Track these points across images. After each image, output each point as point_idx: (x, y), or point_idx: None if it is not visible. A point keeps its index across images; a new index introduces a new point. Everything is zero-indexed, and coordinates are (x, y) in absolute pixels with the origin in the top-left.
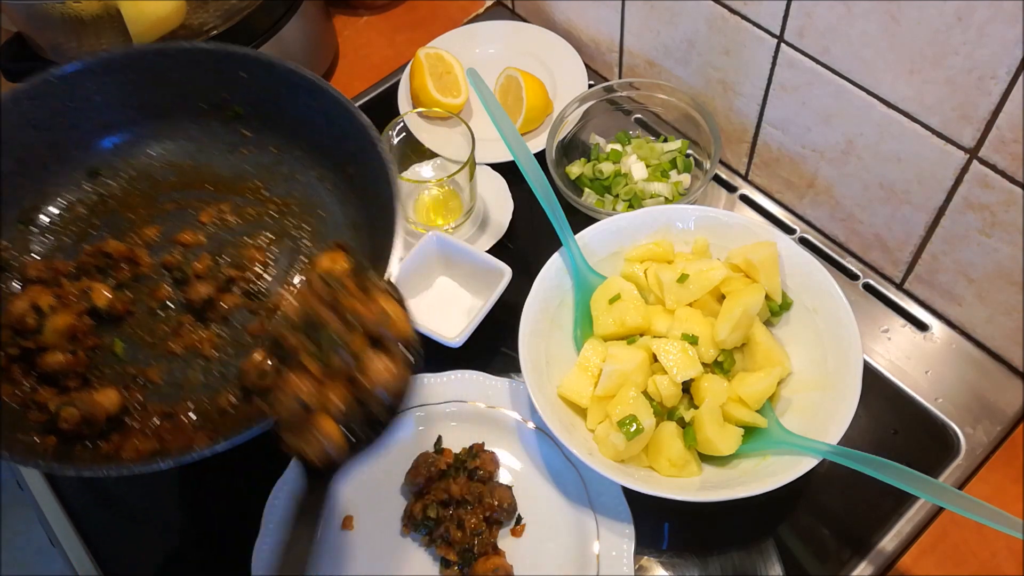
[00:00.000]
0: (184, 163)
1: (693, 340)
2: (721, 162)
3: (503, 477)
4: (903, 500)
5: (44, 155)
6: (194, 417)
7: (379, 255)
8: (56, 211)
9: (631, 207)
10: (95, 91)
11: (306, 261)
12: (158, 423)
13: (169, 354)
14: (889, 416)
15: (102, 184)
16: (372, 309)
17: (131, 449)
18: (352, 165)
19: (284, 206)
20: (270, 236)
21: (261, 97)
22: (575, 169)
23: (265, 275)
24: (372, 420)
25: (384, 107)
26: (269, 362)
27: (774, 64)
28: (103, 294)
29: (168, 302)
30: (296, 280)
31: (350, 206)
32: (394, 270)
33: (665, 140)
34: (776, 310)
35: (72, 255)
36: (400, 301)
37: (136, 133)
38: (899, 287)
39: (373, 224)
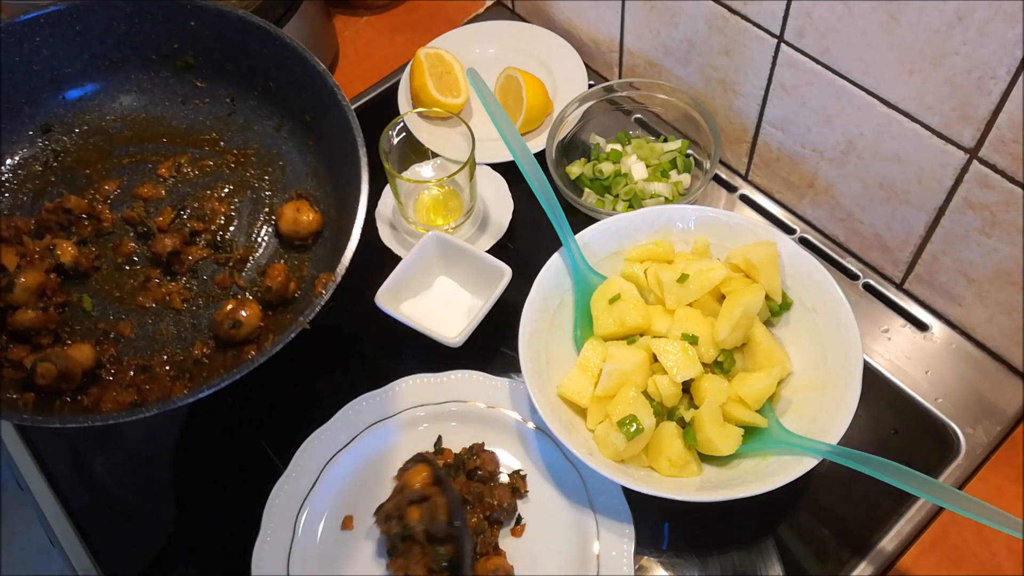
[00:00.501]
0: (138, 116)
1: (693, 340)
2: (721, 162)
3: (503, 477)
4: (903, 500)
5: None
6: (169, 368)
7: (345, 203)
8: (10, 168)
9: (631, 207)
10: (42, 44)
11: (268, 211)
12: (134, 375)
13: (139, 308)
14: (889, 416)
15: (55, 140)
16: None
17: (111, 401)
18: (309, 112)
19: (243, 156)
20: (231, 187)
21: (212, 46)
22: (575, 169)
23: (229, 226)
24: None
25: (384, 107)
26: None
27: (774, 64)
28: (68, 250)
29: (134, 256)
30: (263, 234)
31: (310, 154)
32: (360, 218)
33: (665, 140)
34: (776, 310)
35: (30, 212)
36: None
37: (86, 87)
38: (899, 287)
39: (336, 171)
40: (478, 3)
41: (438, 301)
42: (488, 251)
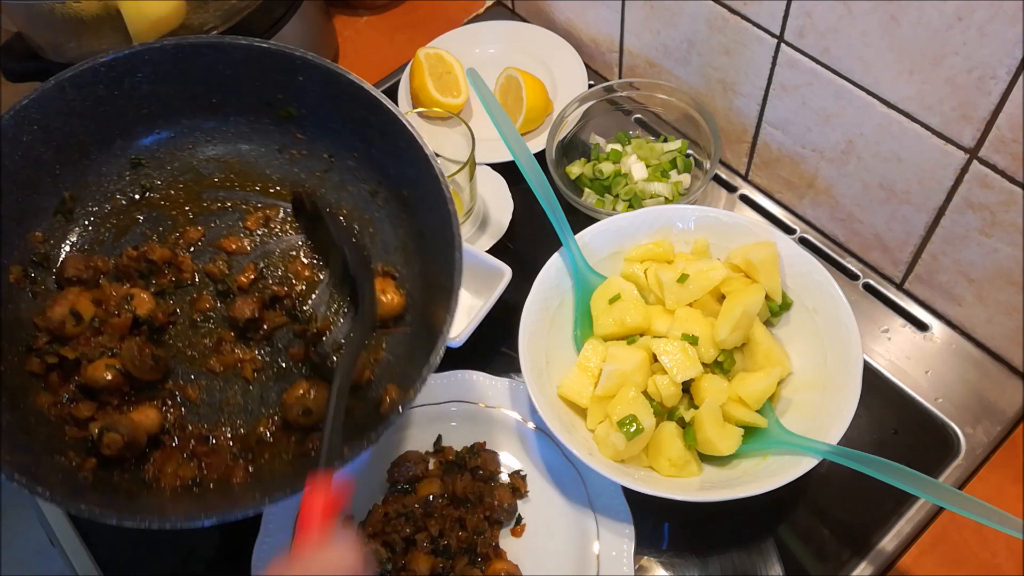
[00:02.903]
0: (231, 159)
1: (693, 340)
2: (721, 162)
3: (503, 477)
4: (903, 500)
5: (86, 143)
6: (232, 443)
7: (433, 296)
8: (95, 203)
9: (631, 207)
10: (143, 80)
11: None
12: (195, 445)
13: (209, 371)
14: (889, 416)
15: (144, 176)
16: None
17: (171, 475)
18: (409, 189)
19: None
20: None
21: (317, 103)
22: (575, 169)
23: (311, 294)
24: None
25: None
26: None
27: (774, 64)
28: (145, 302)
29: (210, 313)
30: (344, 307)
31: (402, 228)
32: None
33: (665, 140)
34: (776, 310)
35: (111, 251)
36: None
37: (183, 124)
38: (899, 287)
39: (427, 258)
40: (478, 3)
41: None
42: (488, 251)
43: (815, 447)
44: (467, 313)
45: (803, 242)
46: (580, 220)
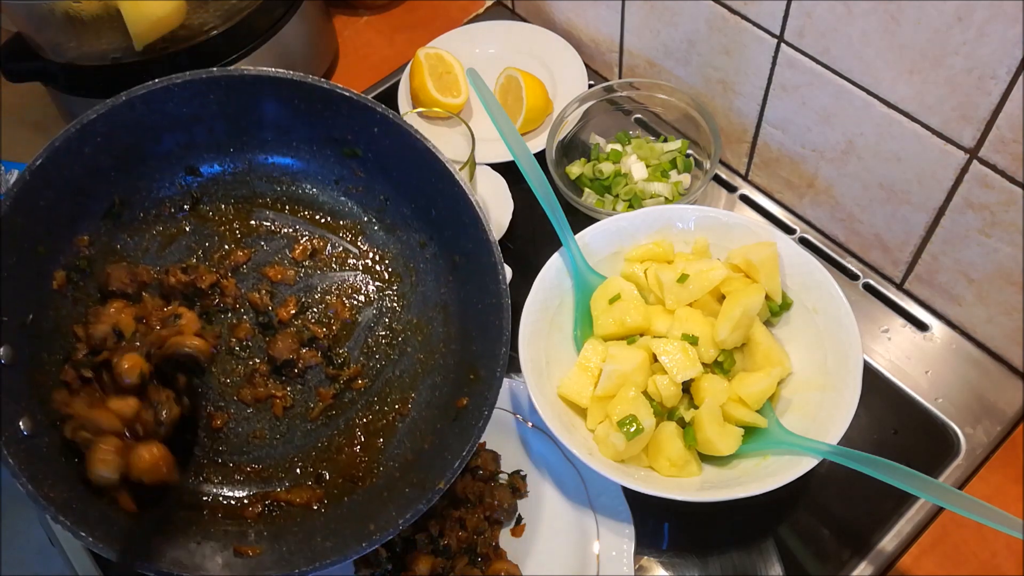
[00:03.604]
0: (286, 180)
1: (693, 340)
2: (721, 162)
3: (503, 477)
4: (903, 500)
5: (144, 151)
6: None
7: (473, 372)
8: (143, 209)
9: (631, 207)
10: (215, 102)
11: (386, 331)
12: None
13: (239, 401)
14: (889, 416)
15: (198, 184)
16: None
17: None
18: (460, 256)
19: (379, 260)
20: (357, 286)
21: (386, 154)
22: (575, 169)
23: (348, 337)
24: None
25: None
26: None
27: (774, 64)
28: (192, 325)
29: (247, 341)
30: (372, 347)
31: (446, 288)
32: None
33: (665, 140)
34: (776, 310)
35: (155, 260)
36: None
37: (246, 142)
38: (899, 287)
39: (468, 332)
40: (478, 3)
41: None
42: None
43: (815, 447)
44: None
45: (803, 242)
46: (580, 220)
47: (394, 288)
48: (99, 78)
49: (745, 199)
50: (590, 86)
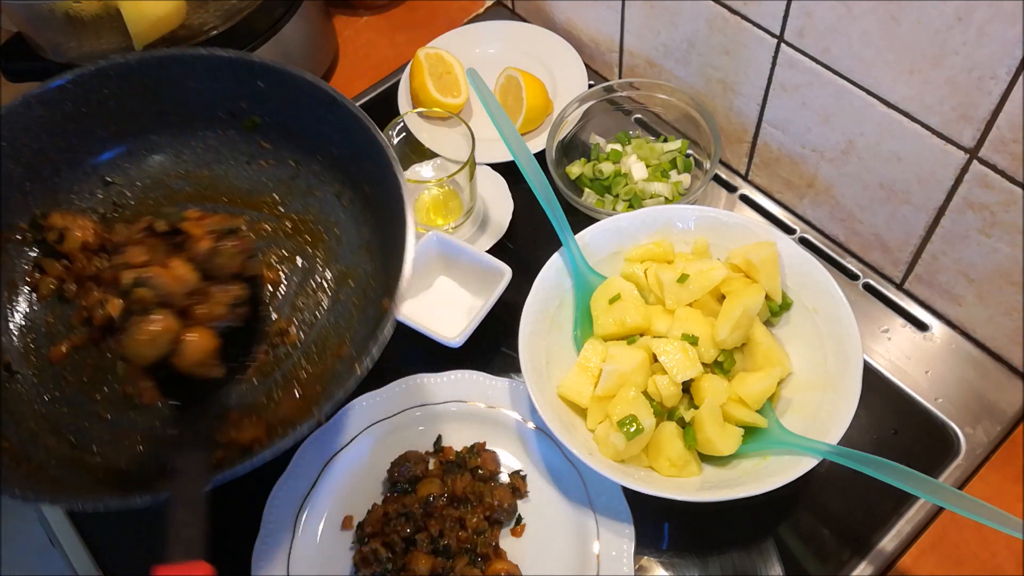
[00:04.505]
0: (200, 173)
1: (693, 340)
2: (721, 162)
3: (503, 477)
4: (903, 500)
5: (56, 160)
6: None
7: (390, 282)
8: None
9: (631, 207)
10: (109, 96)
11: (315, 284)
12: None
13: None
14: (889, 416)
15: (116, 192)
16: None
17: None
18: (369, 184)
19: (300, 223)
20: (284, 254)
21: (278, 107)
22: (575, 169)
23: (277, 294)
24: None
25: (384, 107)
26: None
27: (774, 64)
28: (118, 306)
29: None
30: (300, 302)
31: (366, 227)
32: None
33: (665, 140)
34: (776, 310)
35: (82, 269)
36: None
37: (152, 140)
38: (899, 287)
39: (386, 247)
40: (478, 3)
41: (438, 301)
42: (488, 251)
43: (815, 447)
44: (467, 313)
45: (803, 242)
46: (580, 220)
47: (319, 248)
48: None
49: (745, 199)
50: (590, 86)
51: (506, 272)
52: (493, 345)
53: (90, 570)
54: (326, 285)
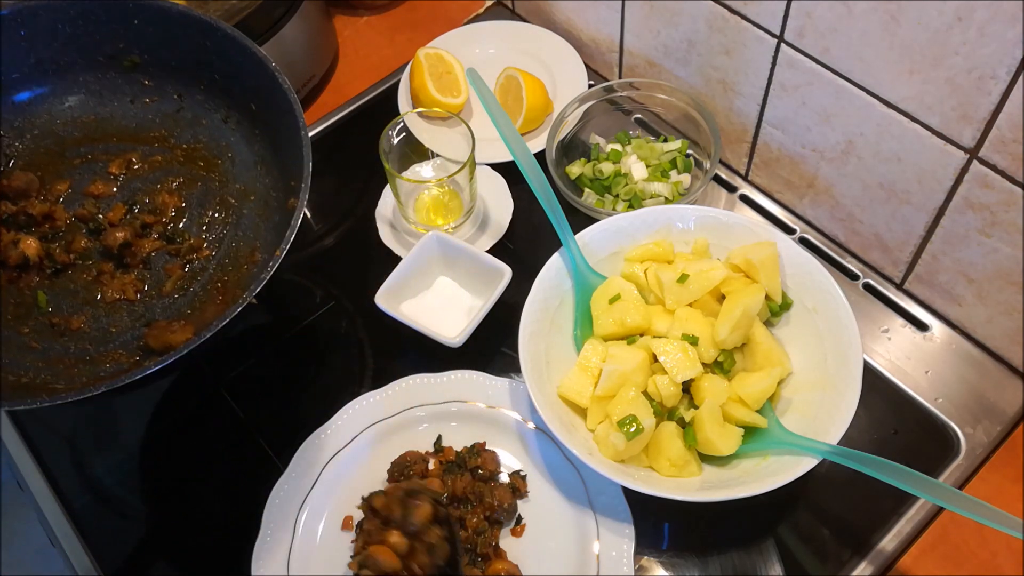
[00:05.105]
0: (87, 118)
1: (693, 340)
2: (721, 162)
3: (503, 477)
4: (903, 500)
5: None
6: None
7: (291, 186)
8: None
9: (631, 207)
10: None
11: (219, 201)
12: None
13: (92, 302)
14: (889, 416)
15: (6, 145)
16: None
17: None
18: (255, 101)
19: (192, 151)
20: (181, 180)
21: (156, 43)
22: (575, 169)
23: (181, 218)
24: None
25: (384, 107)
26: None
27: (774, 64)
28: (32, 246)
29: (87, 252)
30: (206, 222)
31: (257, 143)
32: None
33: (665, 140)
34: (776, 310)
35: None
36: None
37: (35, 91)
38: (899, 287)
39: (281, 156)
40: (478, 3)
41: (438, 301)
42: (488, 251)
43: (815, 447)
44: (467, 313)
45: (803, 242)
46: (580, 220)
47: (215, 171)
48: None
49: (745, 199)
50: (590, 86)
51: (506, 272)
52: (493, 345)
53: (90, 570)
54: (230, 202)
